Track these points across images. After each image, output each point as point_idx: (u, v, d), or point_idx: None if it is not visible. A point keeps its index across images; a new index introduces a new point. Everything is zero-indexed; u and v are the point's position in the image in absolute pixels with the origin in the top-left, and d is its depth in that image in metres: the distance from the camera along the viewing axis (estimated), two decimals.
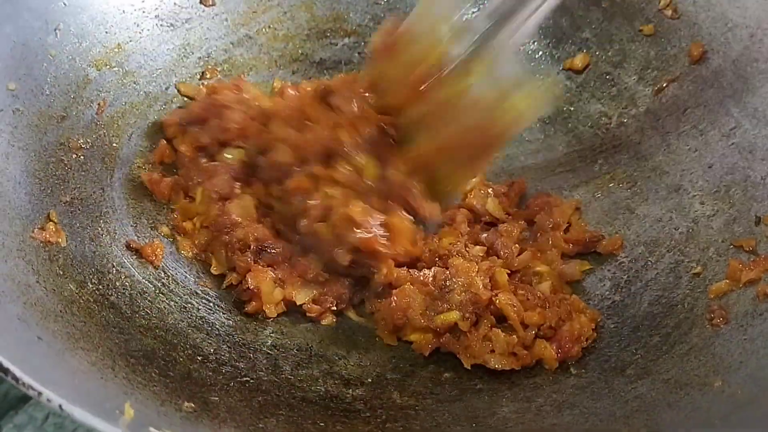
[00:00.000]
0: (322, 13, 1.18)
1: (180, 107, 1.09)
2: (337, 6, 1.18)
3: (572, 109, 1.13)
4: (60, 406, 0.67)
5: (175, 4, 1.12)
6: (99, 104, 1.04)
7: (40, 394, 0.68)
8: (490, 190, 1.07)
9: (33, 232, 0.90)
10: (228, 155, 1.03)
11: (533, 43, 1.16)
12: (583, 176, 1.09)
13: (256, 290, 0.96)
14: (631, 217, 1.03)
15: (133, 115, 1.07)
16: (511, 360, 0.91)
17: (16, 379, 0.69)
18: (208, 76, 1.12)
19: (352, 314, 0.99)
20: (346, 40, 1.18)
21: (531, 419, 0.87)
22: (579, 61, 1.13)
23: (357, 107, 0.96)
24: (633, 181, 1.05)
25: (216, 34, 1.14)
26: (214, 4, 1.14)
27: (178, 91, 1.10)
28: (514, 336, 0.92)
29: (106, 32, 1.07)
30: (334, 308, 0.98)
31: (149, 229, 1.01)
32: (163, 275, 0.98)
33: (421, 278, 0.95)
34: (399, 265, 0.97)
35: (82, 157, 1.00)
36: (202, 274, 1.00)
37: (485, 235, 1.02)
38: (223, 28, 1.14)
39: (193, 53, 1.13)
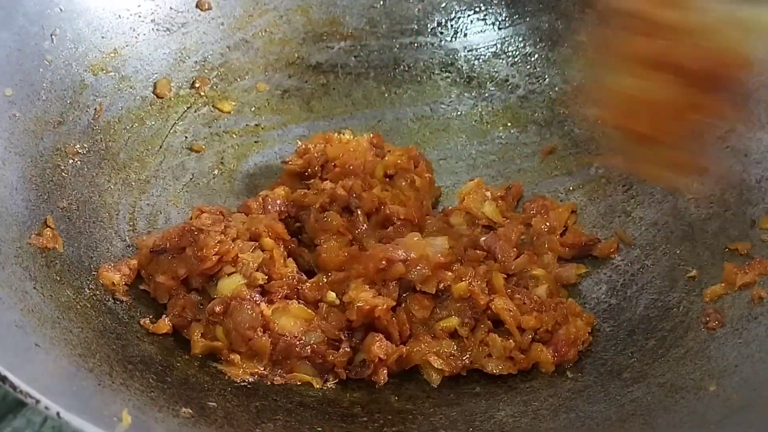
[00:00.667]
0: (318, 16, 1.17)
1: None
2: (334, 9, 1.18)
3: (568, 112, 1.13)
4: (58, 413, 0.67)
5: (171, 8, 1.12)
6: (95, 109, 1.04)
7: (38, 402, 0.68)
8: (487, 194, 1.07)
9: (30, 238, 0.90)
10: (224, 288, 0.91)
11: (528, 45, 1.17)
12: (579, 179, 1.09)
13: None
14: (627, 220, 1.04)
15: (129, 119, 1.07)
16: (508, 364, 0.91)
17: (14, 387, 0.69)
18: (197, 84, 1.12)
19: None
20: (343, 43, 1.18)
21: (528, 423, 0.87)
22: None
23: None
24: (629, 185, 1.05)
25: (212, 38, 1.13)
26: (210, 8, 1.14)
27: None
28: (511, 340, 0.92)
29: (102, 37, 1.07)
30: None
31: (146, 235, 1.01)
32: None
33: None
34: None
35: (78, 162, 1.00)
36: None
37: (484, 238, 1.02)
38: (219, 32, 1.14)
39: (189, 57, 1.12)
